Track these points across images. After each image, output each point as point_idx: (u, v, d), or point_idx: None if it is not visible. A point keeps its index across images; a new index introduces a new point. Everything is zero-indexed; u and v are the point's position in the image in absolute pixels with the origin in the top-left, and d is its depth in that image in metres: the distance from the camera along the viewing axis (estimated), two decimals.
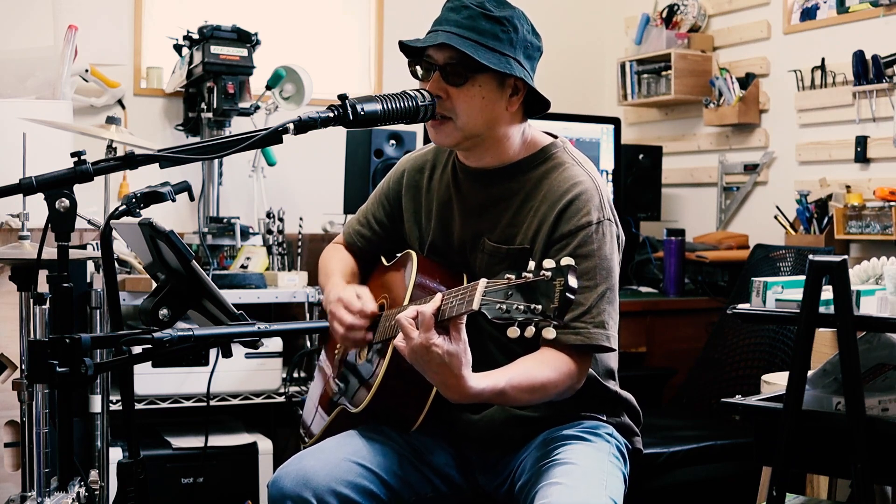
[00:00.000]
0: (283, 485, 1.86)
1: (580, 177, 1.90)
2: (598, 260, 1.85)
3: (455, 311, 1.62)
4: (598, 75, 4.80)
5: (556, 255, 1.85)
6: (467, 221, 1.99)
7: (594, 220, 1.86)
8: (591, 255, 1.85)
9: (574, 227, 1.85)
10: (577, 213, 1.86)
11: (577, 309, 1.81)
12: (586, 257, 1.84)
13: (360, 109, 1.74)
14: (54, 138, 2.85)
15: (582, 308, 1.82)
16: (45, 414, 2.34)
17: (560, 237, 1.86)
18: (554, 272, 1.50)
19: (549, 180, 1.92)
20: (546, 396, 1.81)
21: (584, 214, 1.86)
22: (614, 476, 1.86)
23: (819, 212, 3.63)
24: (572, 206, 1.87)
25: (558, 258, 1.52)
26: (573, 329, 1.81)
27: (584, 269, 1.83)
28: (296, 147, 2.93)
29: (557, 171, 1.93)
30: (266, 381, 3.41)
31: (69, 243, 1.57)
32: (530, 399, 1.79)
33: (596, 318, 1.83)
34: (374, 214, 2.17)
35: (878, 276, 2.24)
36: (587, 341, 1.82)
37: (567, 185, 1.89)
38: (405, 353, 1.67)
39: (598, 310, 1.83)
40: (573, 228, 1.85)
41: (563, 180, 1.90)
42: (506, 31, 1.84)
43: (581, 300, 1.82)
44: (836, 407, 2.11)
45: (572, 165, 1.93)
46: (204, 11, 3.79)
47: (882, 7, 3.54)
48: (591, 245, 1.85)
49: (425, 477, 1.98)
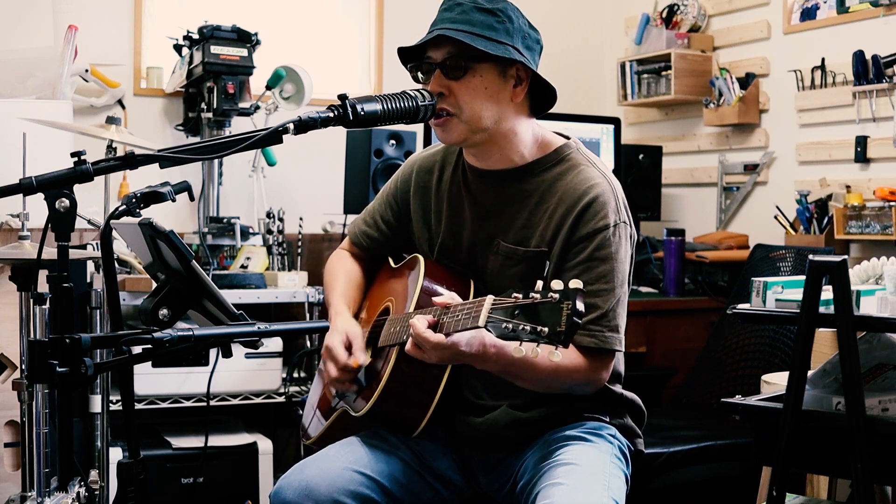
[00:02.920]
0: (285, 496, 1.86)
1: (597, 179, 1.90)
2: (615, 263, 1.86)
3: (461, 325, 1.65)
4: (598, 75, 4.80)
5: (574, 259, 1.86)
6: (479, 223, 1.98)
7: (611, 223, 1.86)
8: (609, 259, 1.85)
9: (592, 230, 1.86)
10: (595, 216, 1.86)
11: (593, 312, 1.82)
12: (604, 260, 1.85)
13: (360, 109, 1.73)
14: (54, 138, 2.85)
15: (599, 311, 1.83)
16: (45, 414, 2.34)
17: (578, 240, 1.86)
18: (562, 295, 1.49)
19: (564, 182, 1.91)
20: (565, 380, 1.83)
21: (602, 217, 1.86)
22: (616, 477, 1.86)
23: (819, 212, 3.63)
24: (590, 209, 1.86)
25: (567, 279, 1.53)
26: (589, 331, 1.83)
27: (601, 273, 1.84)
28: (296, 147, 2.93)
29: (573, 172, 1.92)
30: (266, 381, 3.41)
31: (69, 243, 1.57)
32: (545, 379, 1.81)
33: (611, 321, 1.84)
34: (381, 215, 2.16)
35: (878, 276, 2.24)
36: (602, 345, 1.83)
37: (584, 188, 1.88)
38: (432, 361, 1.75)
39: (613, 314, 1.85)
40: (591, 231, 1.86)
41: (580, 182, 1.90)
42: (501, 22, 1.84)
43: (598, 303, 1.83)
44: (836, 407, 2.11)
45: (588, 167, 1.93)
46: (204, 11, 3.79)
47: (882, 7, 3.54)
48: (609, 248, 1.86)
49: (427, 482, 1.98)
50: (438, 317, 1.72)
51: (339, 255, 2.23)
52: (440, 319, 1.72)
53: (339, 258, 2.22)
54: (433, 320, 1.72)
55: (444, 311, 1.72)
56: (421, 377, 1.88)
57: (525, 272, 1.90)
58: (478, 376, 1.94)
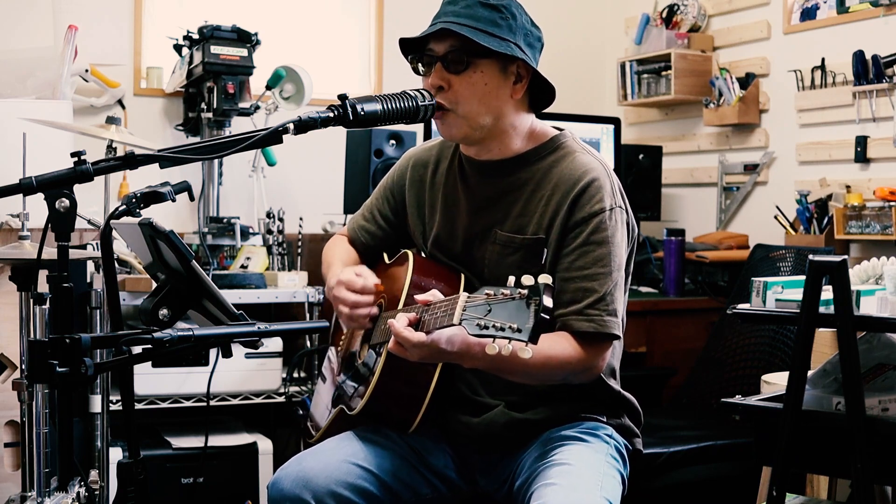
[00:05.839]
0: (282, 486, 1.87)
1: (592, 164, 1.91)
2: (611, 247, 1.86)
3: (439, 323, 1.64)
4: (598, 75, 4.80)
5: (570, 244, 1.86)
6: (476, 214, 1.98)
7: (607, 206, 1.87)
8: (605, 242, 1.85)
9: (587, 213, 1.86)
10: (591, 199, 1.86)
11: (591, 296, 1.82)
12: (600, 244, 1.85)
13: (360, 109, 1.74)
14: (54, 138, 2.85)
15: (597, 295, 1.82)
16: (45, 414, 2.34)
17: (574, 225, 1.86)
18: (531, 290, 1.49)
19: (559, 168, 1.92)
20: (557, 370, 1.81)
21: (598, 201, 1.86)
22: (611, 477, 1.86)
23: (819, 212, 3.63)
24: (586, 193, 1.87)
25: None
26: (587, 316, 1.82)
27: (598, 256, 1.84)
28: (296, 147, 2.92)
29: (567, 159, 1.93)
30: (266, 381, 3.41)
31: (69, 243, 1.57)
32: (536, 373, 1.79)
33: (609, 305, 1.84)
34: (378, 209, 2.16)
35: (878, 276, 2.24)
36: (601, 329, 1.82)
37: (579, 173, 1.89)
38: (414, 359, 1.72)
39: (611, 297, 1.84)
40: (586, 215, 1.86)
41: (575, 168, 1.90)
42: (504, 18, 1.85)
43: (595, 287, 1.83)
44: (836, 407, 2.11)
45: (583, 153, 1.94)
46: (204, 11, 3.79)
47: (882, 7, 3.54)
48: (605, 232, 1.86)
49: (424, 478, 1.98)
50: (420, 314, 1.72)
51: (338, 238, 2.24)
52: (422, 317, 1.71)
53: (339, 240, 2.23)
54: (415, 318, 1.71)
55: (425, 309, 1.71)
56: (412, 374, 1.88)
57: (523, 260, 1.90)
58: (473, 373, 1.94)
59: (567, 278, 1.85)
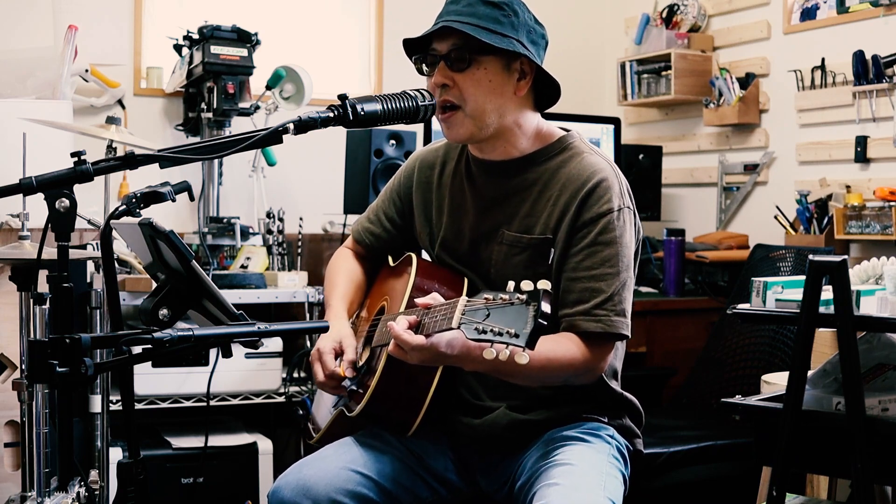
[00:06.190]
0: (282, 494, 1.87)
1: (599, 164, 1.91)
2: (619, 247, 1.86)
3: (438, 327, 1.64)
4: (598, 75, 4.80)
5: (578, 244, 1.86)
6: (483, 214, 1.98)
7: (615, 207, 1.87)
8: (614, 242, 1.85)
9: (596, 214, 1.86)
10: (599, 200, 1.87)
11: (598, 296, 1.82)
12: (608, 244, 1.85)
13: (360, 109, 1.74)
14: (54, 138, 2.85)
15: (604, 295, 1.83)
16: (45, 414, 2.34)
17: (582, 225, 1.87)
18: (530, 296, 1.48)
19: (567, 169, 1.92)
20: (559, 373, 1.80)
21: (606, 202, 1.87)
22: (613, 477, 1.86)
23: (819, 212, 3.63)
24: (594, 193, 1.87)
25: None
26: (594, 316, 1.82)
27: (606, 256, 1.84)
28: (296, 147, 2.92)
29: (575, 160, 1.93)
30: (266, 381, 3.41)
31: (69, 243, 1.57)
32: (537, 375, 1.79)
33: (617, 305, 1.84)
34: (385, 212, 2.16)
35: (878, 276, 2.24)
36: (608, 329, 1.82)
37: (587, 173, 1.89)
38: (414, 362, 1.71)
39: (619, 297, 1.84)
40: (595, 216, 1.86)
41: (583, 168, 1.90)
42: (506, 15, 1.85)
43: (603, 287, 1.83)
44: (836, 407, 2.11)
45: (590, 154, 1.94)
46: (204, 11, 3.79)
47: (882, 7, 3.54)
48: (614, 232, 1.86)
49: (424, 481, 1.98)
50: (421, 317, 1.72)
51: (341, 254, 2.22)
52: (422, 320, 1.71)
53: (342, 257, 2.21)
54: (415, 321, 1.71)
55: (425, 312, 1.71)
56: (412, 377, 1.88)
57: (529, 260, 1.90)
58: (475, 377, 1.94)
59: (574, 278, 1.85)
